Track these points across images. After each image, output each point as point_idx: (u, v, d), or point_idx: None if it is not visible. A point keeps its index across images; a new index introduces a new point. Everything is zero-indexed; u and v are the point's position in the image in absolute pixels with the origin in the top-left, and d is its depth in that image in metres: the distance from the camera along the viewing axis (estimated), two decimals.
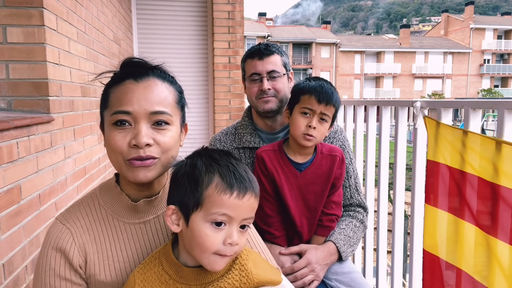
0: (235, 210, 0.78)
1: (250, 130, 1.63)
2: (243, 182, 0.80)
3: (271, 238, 1.42)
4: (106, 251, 0.93)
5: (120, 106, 0.86)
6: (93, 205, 0.96)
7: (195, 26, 4.28)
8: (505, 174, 1.22)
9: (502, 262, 1.23)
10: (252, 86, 1.58)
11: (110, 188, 0.97)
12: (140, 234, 0.96)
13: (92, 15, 2.38)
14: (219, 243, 0.78)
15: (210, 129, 4.37)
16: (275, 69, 1.55)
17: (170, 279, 0.84)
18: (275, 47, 1.60)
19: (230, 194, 0.78)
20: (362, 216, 1.60)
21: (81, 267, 0.91)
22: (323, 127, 1.36)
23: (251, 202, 0.81)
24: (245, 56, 1.63)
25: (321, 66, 37.99)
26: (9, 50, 1.58)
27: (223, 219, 0.78)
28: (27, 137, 1.46)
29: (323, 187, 1.41)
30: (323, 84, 1.37)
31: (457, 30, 41.46)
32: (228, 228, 0.79)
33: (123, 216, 0.95)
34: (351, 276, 1.45)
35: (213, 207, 0.78)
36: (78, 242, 0.91)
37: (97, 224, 0.94)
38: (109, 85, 0.91)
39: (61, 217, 0.94)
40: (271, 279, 0.90)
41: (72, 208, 0.96)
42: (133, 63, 0.93)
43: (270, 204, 1.41)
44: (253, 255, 0.92)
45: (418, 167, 1.75)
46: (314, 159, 1.42)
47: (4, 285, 1.28)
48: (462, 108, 1.50)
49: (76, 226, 0.92)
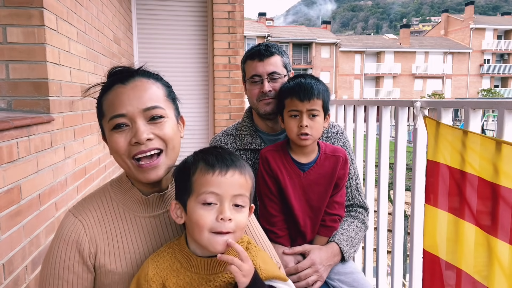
0: (220, 187, 0.84)
1: (251, 132, 1.62)
2: (224, 161, 0.87)
3: (274, 238, 1.42)
4: (118, 243, 0.96)
5: (114, 110, 0.91)
6: (104, 199, 0.99)
7: (195, 26, 4.27)
8: (505, 174, 1.22)
9: (502, 262, 1.23)
10: (252, 88, 1.57)
11: (122, 182, 1.01)
12: (150, 227, 0.99)
13: (92, 15, 2.38)
14: (212, 220, 0.84)
15: (210, 129, 4.36)
16: (275, 70, 1.54)
17: (181, 267, 0.89)
18: (275, 47, 1.59)
19: (212, 172, 0.85)
20: (363, 217, 1.60)
21: (91, 258, 0.94)
22: (316, 122, 1.35)
23: (235, 178, 0.86)
24: (245, 57, 1.62)
25: (321, 66, 37.99)
26: (9, 50, 1.58)
27: (211, 197, 0.84)
28: (27, 137, 1.46)
29: (326, 187, 1.42)
30: (301, 81, 1.36)
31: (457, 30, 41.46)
32: (219, 205, 0.85)
33: (134, 210, 0.99)
34: (354, 277, 1.45)
35: (201, 188, 0.85)
36: (89, 233, 0.94)
37: (109, 216, 0.97)
38: (100, 95, 0.97)
39: (74, 210, 0.97)
40: (278, 275, 0.95)
41: (85, 201, 0.99)
42: (118, 71, 0.98)
43: (273, 204, 1.42)
44: (262, 253, 0.97)
45: (418, 167, 1.75)
46: (317, 159, 1.42)
47: (4, 285, 1.28)
48: (462, 108, 1.50)
49: (88, 218, 0.95)
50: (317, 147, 1.44)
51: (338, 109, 2.61)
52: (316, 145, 1.44)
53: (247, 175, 0.89)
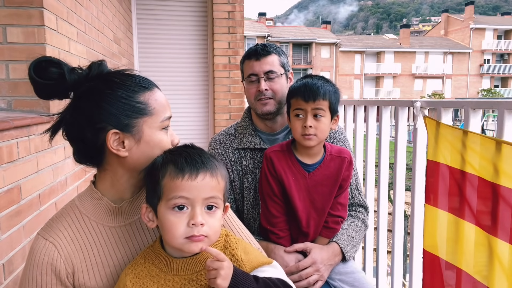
0: (190, 191, 0.81)
1: (250, 131, 1.62)
2: (194, 164, 0.83)
3: (275, 238, 1.42)
4: (94, 258, 0.93)
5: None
6: (74, 215, 0.94)
7: (195, 26, 4.28)
8: (505, 174, 1.22)
9: (503, 262, 1.23)
10: (250, 87, 1.57)
11: (90, 195, 0.96)
12: (127, 235, 0.96)
13: (92, 15, 2.38)
14: (184, 226, 0.81)
15: (210, 129, 4.36)
16: (272, 69, 1.54)
17: (161, 272, 0.86)
18: (272, 47, 1.59)
19: (182, 177, 0.81)
20: (364, 216, 1.60)
21: (69, 279, 0.90)
22: (321, 123, 1.34)
23: (206, 181, 0.83)
24: (243, 58, 1.63)
25: (321, 66, 37.99)
26: (9, 50, 1.58)
27: (182, 201, 0.81)
28: (27, 137, 1.46)
29: (331, 189, 1.41)
30: (307, 81, 1.35)
31: (457, 30, 41.46)
32: (190, 210, 0.82)
33: (107, 221, 0.95)
34: (355, 276, 1.45)
35: (170, 192, 0.82)
36: (64, 254, 0.90)
37: (81, 232, 0.93)
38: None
39: (43, 232, 0.92)
40: (262, 261, 0.93)
41: (53, 221, 0.94)
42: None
43: (276, 205, 1.41)
44: (242, 243, 0.94)
45: (418, 167, 1.75)
46: (323, 160, 1.41)
47: (4, 285, 1.28)
48: (462, 108, 1.50)
49: (59, 238, 0.91)
50: (323, 148, 1.43)
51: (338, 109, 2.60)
52: (322, 146, 1.43)
53: (219, 176, 0.85)
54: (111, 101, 0.89)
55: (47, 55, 0.91)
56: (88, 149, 0.94)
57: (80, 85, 0.91)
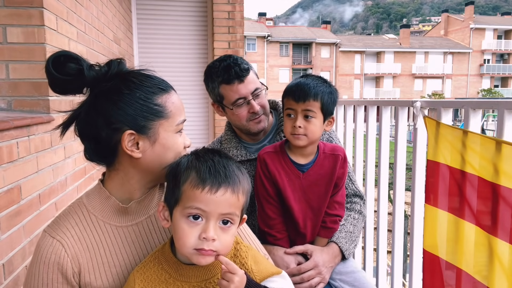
0: (208, 205, 0.79)
1: (235, 144, 1.60)
2: (217, 177, 0.80)
3: (273, 240, 1.41)
4: (101, 257, 0.92)
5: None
6: (81, 213, 0.93)
7: (195, 26, 4.28)
8: (505, 174, 1.22)
9: (503, 261, 1.23)
10: (240, 111, 1.50)
11: (97, 193, 0.95)
12: (134, 236, 0.96)
13: (92, 15, 2.38)
14: (195, 237, 0.79)
15: (210, 129, 4.37)
16: (256, 86, 1.49)
17: (170, 277, 0.85)
18: (244, 62, 1.49)
19: (202, 188, 0.79)
20: (360, 206, 1.57)
21: (75, 278, 0.90)
22: (312, 124, 1.31)
23: (226, 197, 0.80)
24: (218, 82, 1.49)
25: (321, 66, 37.99)
26: (9, 50, 1.59)
27: (198, 212, 0.80)
28: (27, 137, 1.46)
29: (327, 188, 1.40)
30: (300, 81, 1.33)
31: (457, 30, 41.46)
32: (204, 223, 0.80)
33: (114, 220, 0.94)
34: (355, 276, 1.45)
35: (188, 201, 0.80)
36: (71, 252, 0.89)
37: (88, 231, 0.92)
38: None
39: (50, 230, 0.91)
40: (272, 272, 0.92)
41: (60, 219, 0.93)
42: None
43: (272, 206, 1.40)
44: (253, 251, 0.93)
45: (418, 167, 1.75)
46: (316, 159, 1.40)
47: (4, 285, 1.28)
48: (462, 108, 1.50)
49: (66, 236, 0.90)
50: (316, 147, 1.43)
51: (338, 109, 2.61)
52: (316, 146, 1.41)
53: (240, 193, 0.83)
54: (129, 102, 0.88)
55: (66, 50, 0.89)
56: (101, 148, 0.92)
57: (98, 82, 0.89)
